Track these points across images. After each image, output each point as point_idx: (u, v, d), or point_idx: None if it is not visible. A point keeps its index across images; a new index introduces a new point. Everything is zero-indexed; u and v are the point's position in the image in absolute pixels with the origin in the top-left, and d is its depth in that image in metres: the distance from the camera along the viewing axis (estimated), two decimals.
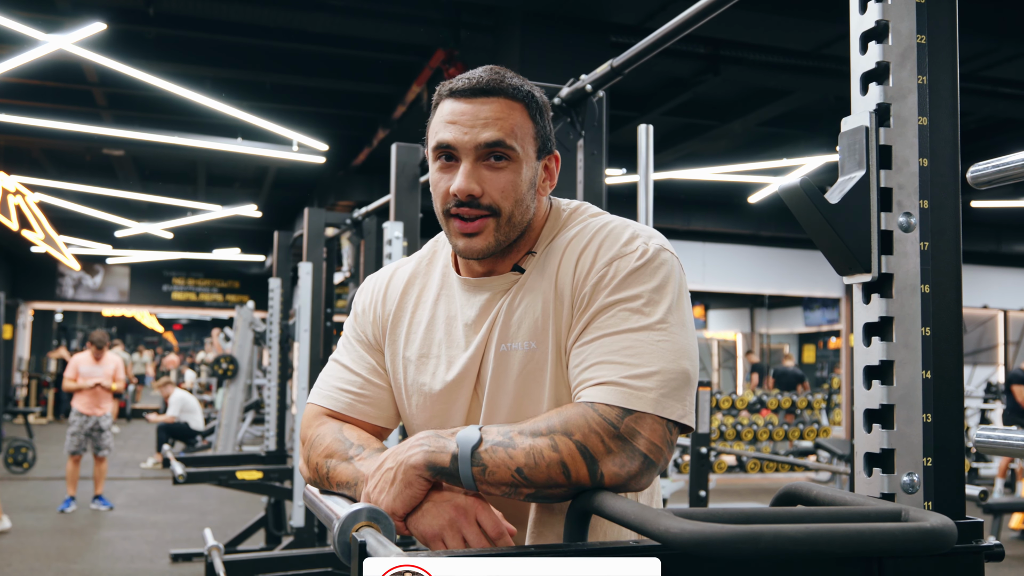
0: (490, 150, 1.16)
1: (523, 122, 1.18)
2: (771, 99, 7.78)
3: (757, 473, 9.61)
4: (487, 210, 1.16)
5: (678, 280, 1.14)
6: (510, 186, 1.17)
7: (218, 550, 3.30)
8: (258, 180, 12.01)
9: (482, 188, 1.16)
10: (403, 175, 3.32)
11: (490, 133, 1.15)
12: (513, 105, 1.18)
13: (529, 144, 1.19)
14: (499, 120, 1.16)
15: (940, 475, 0.99)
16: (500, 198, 1.16)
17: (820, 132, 8.77)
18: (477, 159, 1.16)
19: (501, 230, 1.17)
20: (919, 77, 1.02)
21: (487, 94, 1.17)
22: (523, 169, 1.18)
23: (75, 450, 7.63)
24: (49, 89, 8.20)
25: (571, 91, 2.30)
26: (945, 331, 1.00)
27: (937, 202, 1.01)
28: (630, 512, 0.92)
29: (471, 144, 1.16)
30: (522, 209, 1.19)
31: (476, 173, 1.16)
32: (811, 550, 0.84)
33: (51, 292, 17.69)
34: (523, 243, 1.23)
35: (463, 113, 1.17)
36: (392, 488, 1.05)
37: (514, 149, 1.17)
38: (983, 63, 6.82)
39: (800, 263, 12.86)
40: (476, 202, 1.16)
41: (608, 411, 1.04)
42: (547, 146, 1.23)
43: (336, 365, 1.32)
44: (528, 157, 1.19)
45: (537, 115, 1.21)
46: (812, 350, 18.16)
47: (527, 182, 1.19)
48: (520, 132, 1.18)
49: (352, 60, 7.45)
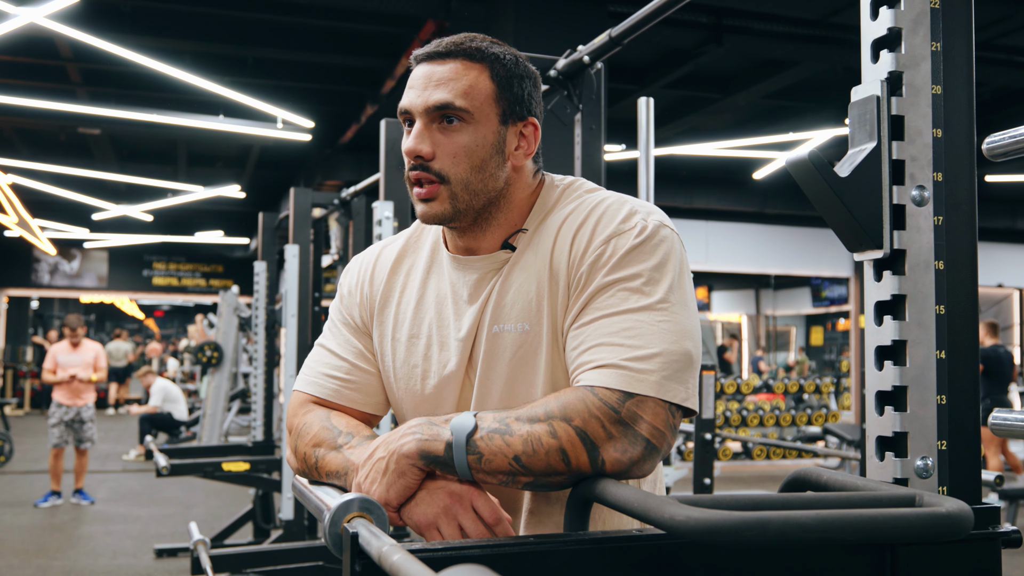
0: (441, 112, 1.13)
1: (481, 83, 1.14)
2: (776, 70, 7.66)
3: (763, 460, 9.52)
4: (436, 176, 1.13)
5: (679, 257, 1.10)
6: (462, 150, 1.13)
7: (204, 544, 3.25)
8: (241, 159, 11.85)
9: (433, 150, 1.13)
10: (392, 152, 3.25)
11: (440, 94, 1.13)
12: (471, 66, 1.15)
13: (489, 106, 1.15)
14: (451, 81, 1.13)
15: (955, 459, 0.96)
16: (451, 164, 1.13)
17: (828, 104, 8.67)
18: (430, 122, 1.14)
19: (459, 197, 1.14)
20: (933, 43, 0.98)
21: (445, 56, 1.15)
22: (480, 132, 1.14)
23: (58, 443, 7.43)
24: (21, 65, 8.02)
25: (568, 63, 2.24)
26: (960, 309, 0.97)
27: (952, 175, 0.98)
28: (633, 499, 0.89)
29: (421, 106, 1.14)
30: (483, 176, 1.15)
31: (428, 134, 1.14)
32: (822, 537, 0.81)
33: (26, 278, 17.41)
34: (505, 217, 1.19)
35: (420, 77, 1.16)
36: (385, 478, 1.02)
37: (466, 111, 1.13)
38: (998, 31, 6.73)
39: (807, 241, 12.74)
40: (426, 166, 1.13)
41: (608, 395, 1.00)
42: (517, 111, 1.18)
43: (322, 350, 1.28)
44: (487, 120, 1.15)
45: (503, 77, 1.16)
46: (820, 332, 18.11)
47: (487, 146, 1.15)
48: (475, 93, 1.14)
49: (338, 32, 7.31)
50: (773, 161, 9.73)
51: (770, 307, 18.40)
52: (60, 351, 7.78)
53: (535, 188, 1.22)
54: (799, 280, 16.30)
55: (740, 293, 18.67)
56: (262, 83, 8.24)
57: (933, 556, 0.92)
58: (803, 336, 18.41)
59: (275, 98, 7.96)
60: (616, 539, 0.93)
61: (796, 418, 9.75)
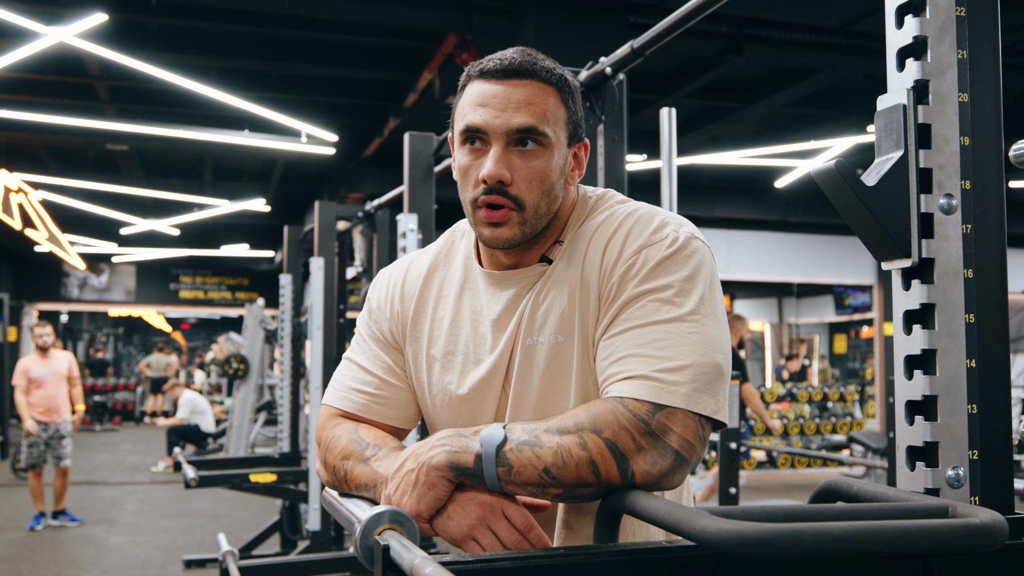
0: (522, 135, 1.11)
1: (556, 107, 1.14)
2: (797, 79, 7.60)
3: (788, 469, 9.41)
4: (513, 202, 1.12)
5: (710, 269, 1.10)
6: (538, 175, 1.12)
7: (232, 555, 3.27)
8: (266, 173, 11.96)
9: (512, 175, 1.11)
10: (416, 165, 3.27)
11: (523, 118, 1.11)
12: (547, 89, 1.13)
13: (561, 130, 1.15)
14: (532, 104, 1.12)
15: (987, 469, 0.95)
16: (526, 189, 1.12)
17: (849, 112, 8.57)
18: (508, 144, 1.12)
19: (528, 223, 1.13)
20: (959, 51, 0.98)
21: (520, 76, 1.13)
22: (554, 157, 1.14)
23: (35, 462, 7.05)
24: (50, 83, 8.15)
25: (590, 74, 2.25)
26: (990, 317, 0.96)
27: (979, 182, 0.97)
28: (663, 511, 0.89)
29: (503, 128, 1.11)
30: (549, 199, 1.15)
31: (506, 159, 1.12)
32: (855, 548, 0.80)
33: (56, 292, 17.60)
34: (550, 233, 1.19)
35: (494, 95, 1.12)
36: (415, 490, 1.02)
37: (547, 135, 1.12)
38: (1021, 35, 6.66)
39: (830, 249, 12.59)
40: (504, 190, 1.11)
41: (638, 407, 1.00)
42: (578, 133, 1.19)
43: (350, 364, 1.28)
44: (560, 144, 1.15)
45: (570, 100, 1.17)
46: (843, 340, 17.89)
47: (557, 170, 1.15)
48: (553, 118, 1.13)
49: (361, 47, 7.36)
50: (795, 169, 9.66)
51: (793, 315, 18.24)
52: (30, 364, 7.29)
53: (573, 201, 1.23)
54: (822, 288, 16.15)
55: (763, 301, 18.51)
56: (286, 98, 8.31)
57: (967, 567, 0.91)
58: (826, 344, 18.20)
59: (299, 112, 8.03)
60: (646, 551, 0.93)
61: (820, 426, 9.62)
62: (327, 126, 8.13)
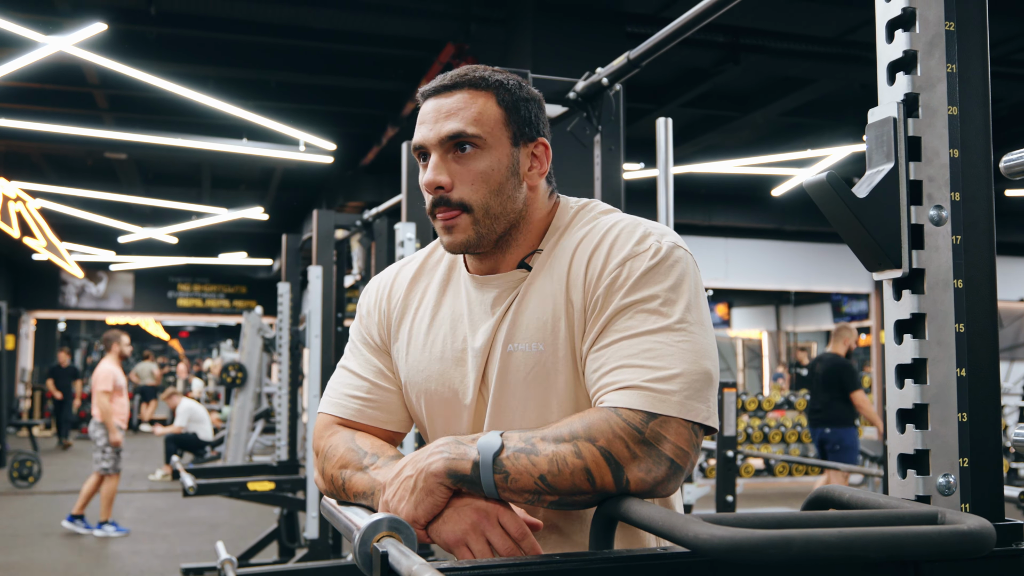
0: (454, 141, 1.16)
1: (490, 109, 1.18)
2: (794, 88, 7.65)
3: (786, 476, 9.39)
4: (458, 207, 1.16)
5: (694, 278, 1.12)
6: (479, 176, 1.16)
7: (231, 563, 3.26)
8: (264, 182, 11.98)
9: (451, 180, 1.16)
10: (414, 174, 3.28)
11: (452, 124, 1.16)
12: (477, 94, 1.18)
13: (500, 131, 1.18)
14: (461, 110, 1.16)
15: (977, 476, 0.96)
16: (471, 191, 1.16)
17: (845, 121, 8.64)
18: (445, 152, 1.17)
19: (481, 223, 1.17)
20: (948, 65, 0.99)
21: (451, 88, 1.19)
22: (494, 157, 1.17)
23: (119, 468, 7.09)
24: (49, 92, 8.17)
25: (587, 85, 2.27)
26: (980, 327, 0.98)
27: (969, 194, 0.99)
28: (657, 518, 0.90)
29: (435, 139, 1.17)
30: (501, 198, 1.18)
31: (445, 166, 1.17)
32: (844, 555, 0.82)
33: (54, 301, 17.60)
34: (523, 238, 1.21)
35: (429, 112, 1.19)
36: (412, 496, 1.03)
37: (479, 137, 1.16)
38: (1014, 46, 6.67)
39: (827, 258, 12.60)
40: (447, 199, 1.16)
41: (632, 416, 1.01)
42: (527, 132, 1.21)
43: (343, 371, 1.31)
44: (500, 144, 1.18)
45: (509, 102, 1.19)
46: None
47: (502, 170, 1.18)
48: (486, 120, 1.17)
49: (359, 56, 7.40)
50: (791, 178, 9.70)
51: (790, 323, 18.25)
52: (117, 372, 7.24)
53: (550, 209, 1.24)
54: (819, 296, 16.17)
55: (760, 310, 18.52)
56: (284, 107, 8.33)
57: (956, 573, 0.92)
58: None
59: (297, 121, 8.06)
60: (641, 557, 0.94)
61: None
62: (325, 135, 8.15)
